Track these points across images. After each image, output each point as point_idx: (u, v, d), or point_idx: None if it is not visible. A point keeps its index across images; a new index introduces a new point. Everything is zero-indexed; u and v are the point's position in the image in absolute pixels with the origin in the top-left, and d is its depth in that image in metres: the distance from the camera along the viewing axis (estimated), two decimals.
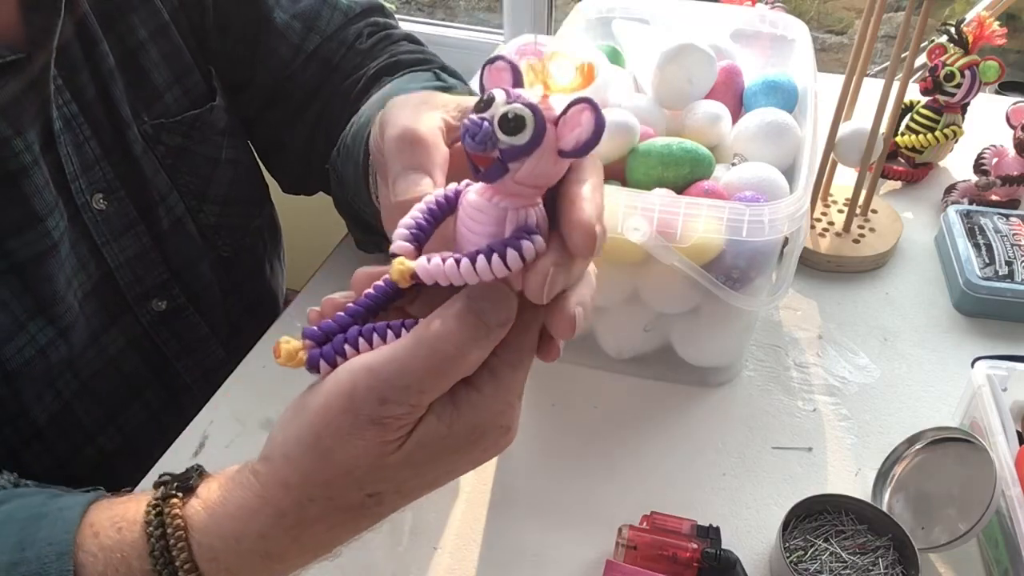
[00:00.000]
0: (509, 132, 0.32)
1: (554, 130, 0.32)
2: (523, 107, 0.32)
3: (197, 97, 0.73)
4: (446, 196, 0.37)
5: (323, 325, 0.35)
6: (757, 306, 0.63)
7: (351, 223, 0.76)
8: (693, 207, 0.56)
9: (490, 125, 0.32)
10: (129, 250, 0.69)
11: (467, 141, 0.32)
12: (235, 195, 0.79)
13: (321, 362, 0.35)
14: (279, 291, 0.93)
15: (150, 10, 0.68)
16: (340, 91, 0.77)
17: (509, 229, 0.34)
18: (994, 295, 0.74)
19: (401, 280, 0.35)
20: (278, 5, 0.75)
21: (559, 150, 0.33)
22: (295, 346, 0.35)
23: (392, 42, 0.81)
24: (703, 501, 0.61)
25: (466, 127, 0.32)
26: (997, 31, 0.87)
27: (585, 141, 0.32)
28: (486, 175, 0.33)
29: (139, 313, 0.72)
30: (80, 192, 0.65)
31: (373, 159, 0.50)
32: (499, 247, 0.33)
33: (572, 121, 0.32)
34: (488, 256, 0.33)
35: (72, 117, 0.64)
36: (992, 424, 0.56)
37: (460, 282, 0.34)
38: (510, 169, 0.33)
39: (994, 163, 0.90)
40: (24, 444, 0.66)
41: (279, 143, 0.81)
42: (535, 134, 0.32)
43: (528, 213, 0.35)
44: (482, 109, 0.33)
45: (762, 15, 0.81)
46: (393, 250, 0.35)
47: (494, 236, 0.34)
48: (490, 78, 0.35)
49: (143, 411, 0.75)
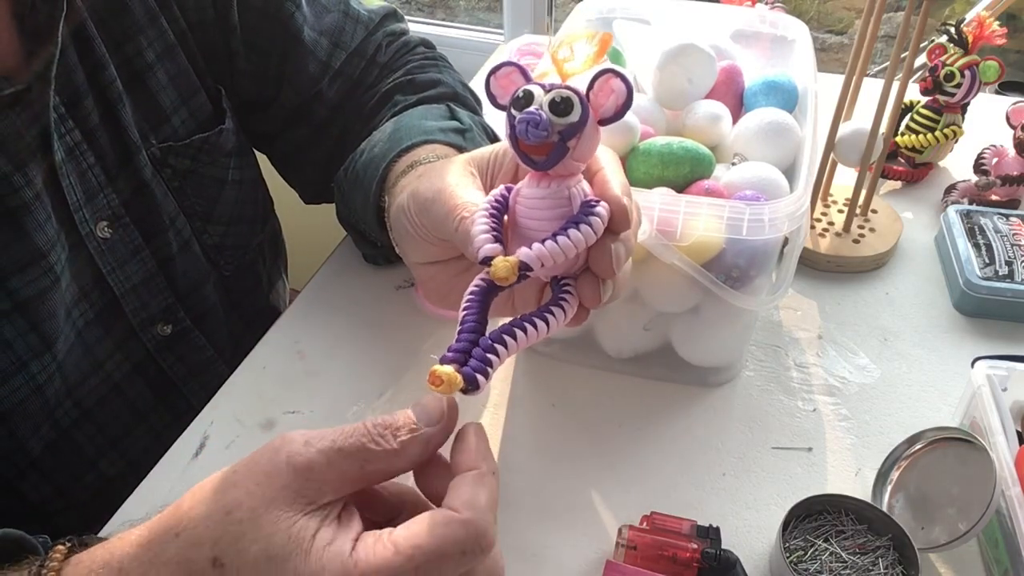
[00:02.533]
0: (561, 114, 0.36)
1: (590, 102, 0.37)
2: (565, 90, 0.36)
3: (203, 119, 0.72)
4: (497, 199, 0.41)
5: (456, 347, 0.37)
6: (757, 305, 0.63)
7: (357, 238, 0.76)
8: (693, 206, 0.56)
9: (545, 112, 0.36)
10: (135, 276, 0.68)
11: (531, 132, 0.36)
12: (239, 214, 0.78)
13: (477, 376, 0.36)
14: (281, 305, 0.92)
15: (158, 31, 0.67)
16: (359, 105, 0.77)
17: (576, 204, 0.38)
18: (994, 295, 0.74)
19: (511, 275, 0.37)
20: (305, 22, 0.74)
21: (599, 119, 0.37)
22: (449, 370, 0.35)
23: (408, 50, 0.81)
24: (703, 501, 0.61)
25: (525, 121, 0.36)
26: (997, 31, 0.87)
27: (623, 104, 0.37)
28: (548, 160, 0.37)
29: (144, 338, 0.71)
30: (84, 222, 0.63)
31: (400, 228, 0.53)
32: (582, 218, 0.38)
33: (604, 90, 0.37)
34: (577, 227, 0.37)
35: (75, 145, 0.62)
36: (992, 424, 0.56)
37: (561, 258, 0.37)
38: (569, 148, 0.37)
39: (994, 163, 0.90)
40: (20, 475, 0.65)
41: (300, 158, 0.81)
42: (584, 109, 0.36)
43: (582, 186, 0.39)
44: (522, 106, 0.37)
45: (762, 15, 0.81)
46: (485, 254, 0.38)
47: (565, 215, 0.38)
48: (498, 84, 0.38)
49: (147, 435, 0.74)
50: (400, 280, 0.78)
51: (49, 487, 0.68)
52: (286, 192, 0.87)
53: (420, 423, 0.35)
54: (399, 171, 0.59)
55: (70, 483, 0.69)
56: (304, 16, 0.74)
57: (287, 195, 0.87)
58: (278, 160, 0.84)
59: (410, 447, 0.35)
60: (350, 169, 0.68)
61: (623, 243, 0.40)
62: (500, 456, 0.63)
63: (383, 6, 0.82)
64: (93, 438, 0.69)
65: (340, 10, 0.78)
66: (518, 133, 0.36)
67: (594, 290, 0.40)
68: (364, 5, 0.80)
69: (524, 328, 0.37)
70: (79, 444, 0.69)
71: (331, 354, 0.71)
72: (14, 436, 0.62)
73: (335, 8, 0.77)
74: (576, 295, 0.40)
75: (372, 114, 0.75)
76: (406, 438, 0.35)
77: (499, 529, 0.58)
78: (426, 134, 0.62)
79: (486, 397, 0.68)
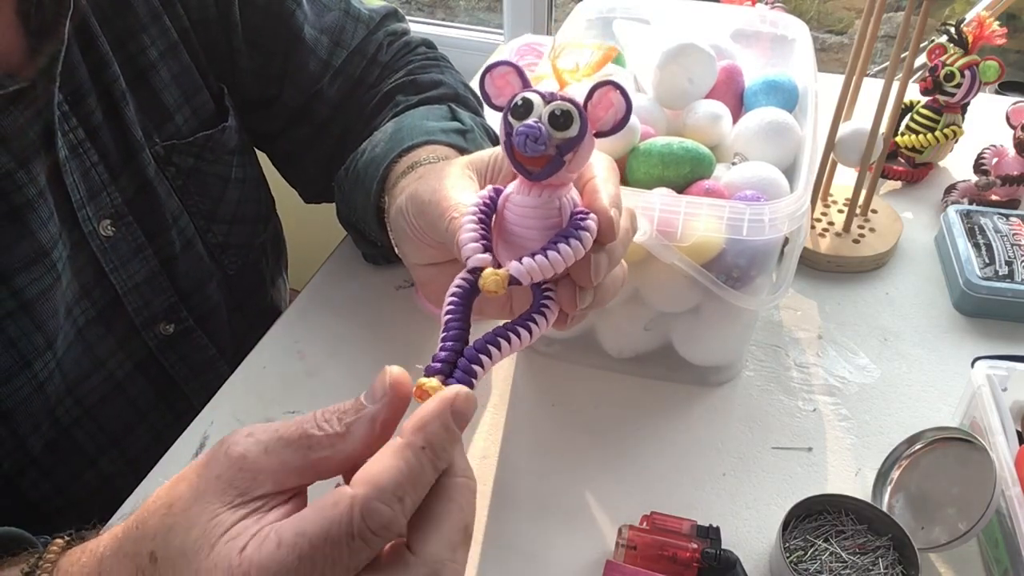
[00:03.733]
0: (560, 128, 0.35)
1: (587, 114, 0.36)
2: (565, 102, 0.35)
3: (206, 117, 0.72)
4: (486, 202, 0.40)
5: (440, 358, 0.36)
6: (757, 305, 0.63)
7: (357, 238, 0.76)
8: (693, 206, 0.56)
9: (544, 126, 0.35)
10: (138, 275, 0.68)
11: (529, 146, 0.35)
12: (242, 213, 0.78)
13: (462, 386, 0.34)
14: (282, 304, 0.92)
15: (160, 29, 0.67)
16: (360, 104, 0.77)
17: (566, 215, 0.38)
18: (994, 295, 0.74)
19: (500, 289, 0.36)
20: (306, 20, 0.74)
21: (596, 132, 0.36)
22: (434, 383, 0.34)
23: (410, 50, 0.81)
24: (703, 501, 0.61)
25: (524, 134, 0.35)
26: (997, 31, 0.87)
27: (621, 119, 0.36)
28: (544, 172, 0.36)
29: (146, 337, 0.71)
30: (87, 220, 0.63)
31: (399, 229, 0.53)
32: (572, 232, 0.37)
33: (603, 103, 0.36)
34: (567, 241, 0.37)
35: (79, 143, 0.62)
36: (992, 424, 0.56)
37: (550, 272, 0.37)
38: (566, 161, 0.36)
39: (994, 163, 0.90)
40: (20, 472, 0.65)
41: (301, 157, 0.81)
42: (583, 124, 0.36)
43: (572, 195, 0.39)
44: (522, 115, 0.36)
45: (762, 15, 0.81)
46: (474, 264, 0.37)
47: (554, 226, 0.38)
48: (493, 83, 0.37)
49: (147, 434, 0.74)
50: (400, 280, 0.78)
51: (49, 485, 0.68)
52: (286, 192, 0.87)
53: (367, 403, 0.33)
54: (400, 171, 0.59)
55: (70, 481, 0.69)
56: (305, 14, 0.74)
57: (287, 195, 0.87)
58: (279, 159, 0.84)
59: (355, 428, 0.32)
60: (351, 169, 0.68)
61: (607, 254, 0.40)
62: (500, 456, 0.63)
63: (384, 5, 0.82)
64: (94, 436, 0.69)
65: (341, 9, 0.78)
66: (515, 144, 0.36)
67: (571, 297, 0.39)
68: (365, 4, 0.80)
69: (508, 337, 0.37)
70: (79, 442, 0.69)
71: (331, 354, 0.71)
72: (15, 434, 0.62)
73: (336, 7, 0.77)
74: (557, 301, 0.40)
75: (373, 114, 0.75)
76: (351, 419, 0.33)
77: (500, 529, 0.59)
78: (427, 134, 0.62)
79: (486, 397, 0.68)
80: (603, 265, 0.39)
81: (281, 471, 0.32)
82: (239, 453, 0.32)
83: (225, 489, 0.31)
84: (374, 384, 0.33)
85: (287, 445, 0.32)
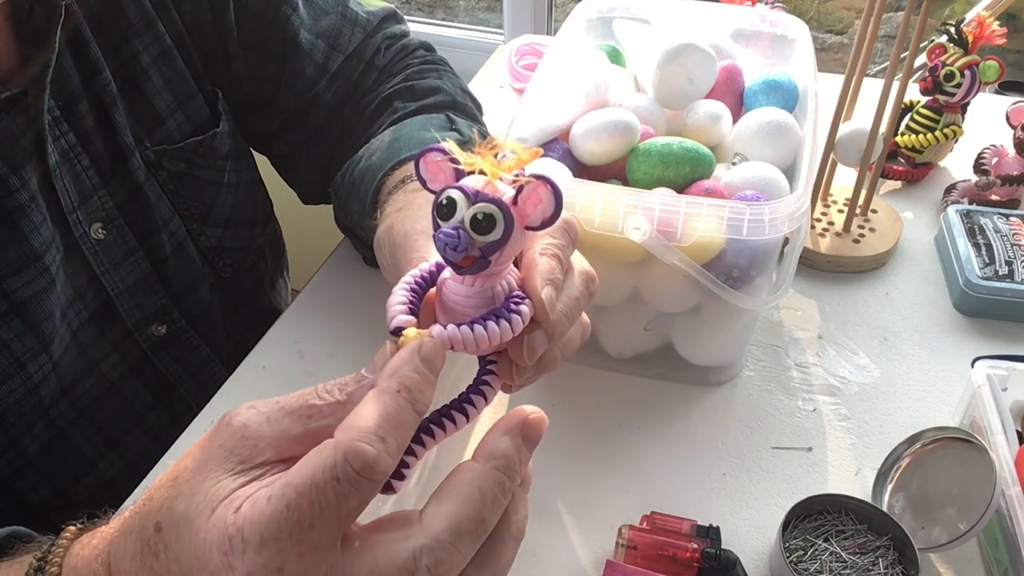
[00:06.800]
0: (483, 232, 0.34)
1: (515, 209, 0.34)
2: (488, 204, 0.34)
3: (200, 122, 0.72)
4: (423, 276, 0.39)
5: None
6: (757, 305, 0.63)
7: (355, 242, 0.76)
8: (693, 206, 0.56)
9: (464, 232, 0.33)
10: (129, 277, 0.68)
11: (449, 253, 0.34)
12: (237, 217, 0.78)
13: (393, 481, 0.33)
14: (282, 306, 0.92)
15: (154, 35, 0.67)
16: (357, 108, 0.77)
17: (500, 300, 0.36)
18: (994, 295, 0.74)
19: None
20: (302, 24, 0.74)
21: (525, 226, 0.35)
22: (412, 332, 0.34)
23: (408, 54, 0.80)
24: (703, 501, 0.61)
25: (443, 241, 0.34)
26: (997, 31, 0.87)
27: (551, 215, 0.34)
28: (471, 269, 0.35)
29: (140, 339, 0.71)
30: (78, 223, 0.63)
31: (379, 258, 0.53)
32: (503, 313, 0.36)
33: (533, 198, 0.34)
34: (497, 321, 0.35)
35: (70, 148, 0.62)
36: (992, 424, 0.56)
37: (473, 348, 0.35)
38: (491, 261, 0.34)
39: (994, 163, 0.90)
40: (17, 474, 0.65)
41: (299, 159, 0.81)
42: (507, 226, 0.34)
43: (508, 280, 0.37)
44: (446, 216, 0.34)
45: (762, 15, 0.81)
46: (397, 324, 0.36)
47: (486, 308, 0.36)
48: (427, 169, 0.36)
49: (145, 436, 0.74)
50: None
51: (48, 488, 0.68)
52: (286, 192, 0.87)
53: (367, 375, 0.34)
54: (392, 184, 0.60)
55: (70, 484, 0.69)
56: (301, 19, 0.74)
57: (287, 195, 0.87)
58: (277, 161, 0.84)
59: (355, 396, 0.33)
60: (347, 176, 0.68)
61: (543, 331, 0.38)
62: None
63: (383, 7, 0.81)
64: (91, 438, 0.69)
65: (338, 12, 0.77)
66: (437, 247, 0.34)
67: (508, 372, 0.39)
68: (363, 6, 0.80)
69: (442, 424, 0.35)
70: (77, 444, 0.69)
71: (331, 354, 0.71)
72: (7, 434, 0.63)
73: (333, 10, 0.77)
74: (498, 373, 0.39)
75: (371, 118, 0.75)
76: (352, 388, 0.33)
77: None
78: (424, 146, 0.63)
79: None
80: (538, 343, 0.38)
81: (282, 439, 0.32)
82: (241, 422, 0.33)
83: (227, 457, 0.32)
84: (375, 356, 0.34)
85: (288, 414, 0.33)
